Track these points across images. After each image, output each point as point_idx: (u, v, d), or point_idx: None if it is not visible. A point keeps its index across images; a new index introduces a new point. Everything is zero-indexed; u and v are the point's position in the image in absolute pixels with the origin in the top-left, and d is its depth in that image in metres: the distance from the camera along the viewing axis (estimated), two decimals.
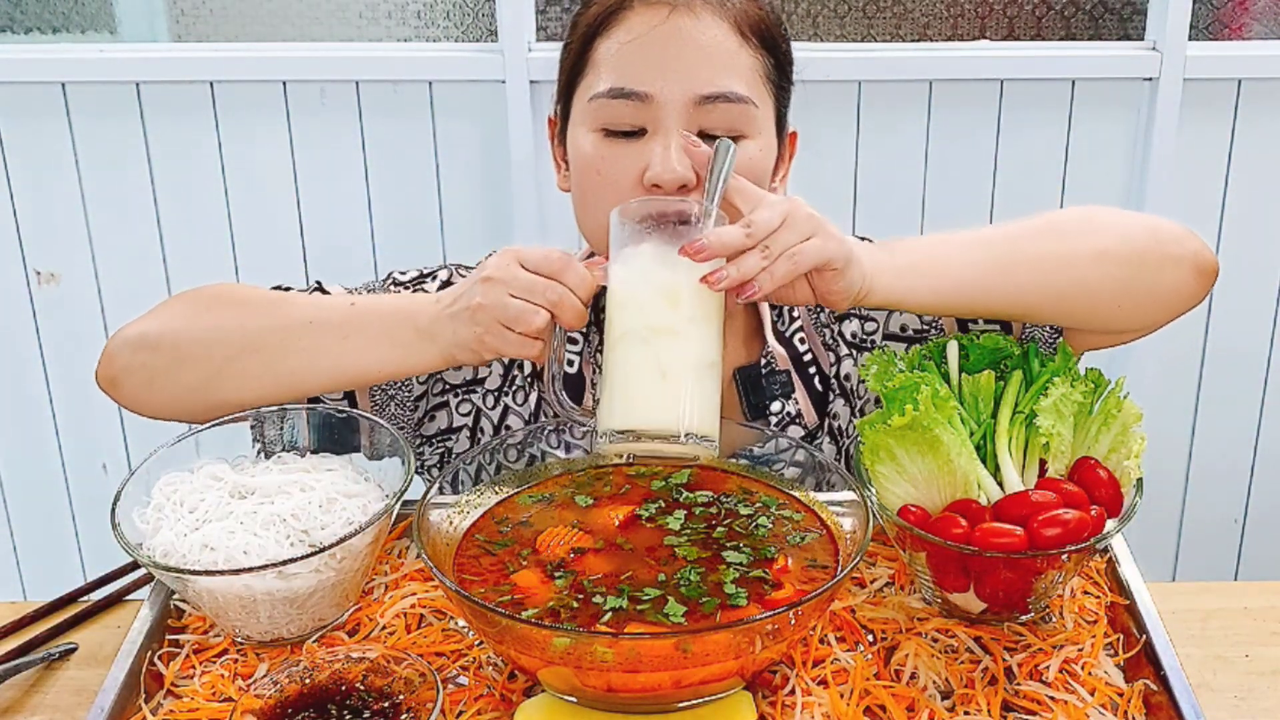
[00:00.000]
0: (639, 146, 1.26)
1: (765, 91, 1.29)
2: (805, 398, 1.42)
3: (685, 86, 1.24)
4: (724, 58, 1.25)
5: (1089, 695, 1.06)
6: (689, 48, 1.24)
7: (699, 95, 1.24)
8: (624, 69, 1.26)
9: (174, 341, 1.27)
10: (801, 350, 1.43)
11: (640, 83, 1.24)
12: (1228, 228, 2.48)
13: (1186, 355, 2.58)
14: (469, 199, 2.42)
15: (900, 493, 1.11)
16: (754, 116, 1.27)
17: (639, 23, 1.26)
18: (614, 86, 1.26)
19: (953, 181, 2.42)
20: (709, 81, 1.24)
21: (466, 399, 1.42)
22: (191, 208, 2.42)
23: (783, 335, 1.43)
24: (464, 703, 1.06)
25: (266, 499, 1.14)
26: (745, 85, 1.26)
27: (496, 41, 2.34)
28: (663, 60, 1.24)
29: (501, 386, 1.42)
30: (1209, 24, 2.43)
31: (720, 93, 1.24)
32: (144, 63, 2.33)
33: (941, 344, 1.22)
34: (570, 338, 1.40)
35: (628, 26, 1.27)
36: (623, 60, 1.26)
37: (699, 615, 1.02)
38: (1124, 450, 1.12)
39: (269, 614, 1.10)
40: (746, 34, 1.27)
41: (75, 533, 2.63)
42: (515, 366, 1.42)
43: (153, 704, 1.08)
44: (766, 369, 1.41)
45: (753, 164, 1.27)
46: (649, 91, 1.24)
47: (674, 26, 1.25)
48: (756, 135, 1.28)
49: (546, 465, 1.24)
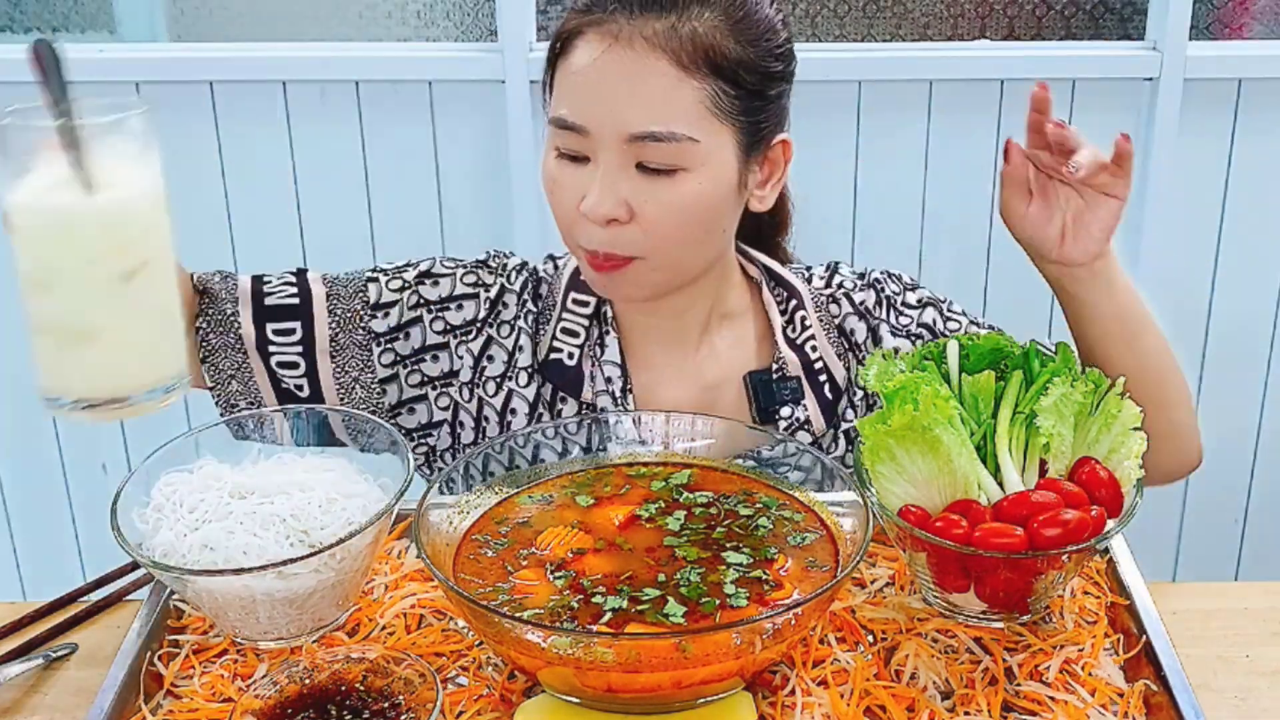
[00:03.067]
0: (584, 173, 1.28)
1: (717, 121, 1.26)
2: (815, 404, 1.42)
3: (616, 125, 1.24)
4: (658, 95, 1.24)
5: (1089, 695, 1.06)
6: (623, 85, 1.24)
7: (629, 134, 1.24)
8: (568, 100, 1.28)
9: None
10: (813, 357, 1.43)
11: (578, 116, 1.26)
12: (1228, 228, 2.48)
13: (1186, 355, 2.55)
14: (469, 199, 2.42)
15: (900, 493, 1.10)
16: (693, 151, 1.25)
17: (585, 53, 1.26)
18: (557, 116, 1.28)
19: (953, 181, 2.42)
20: (638, 122, 1.24)
21: (444, 392, 1.43)
22: (191, 208, 2.41)
23: (794, 342, 1.43)
24: (464, 703, 1.06)
25: (266, 499, 1.14)
26: (682, 122, 1.24)
27: (496, 41, 2.34)
28: (598, 96, 1.25)
29: (473, 379, 1.42)
30: (1209, 24, 2.43)
31: (649, 132, 1.24)
32: (143, 63, 2.33)
33: (941, 344, 1.22)
34: (569, 329, 1.41)
35: (576, 54, 1.27)
36: (567, 91, 1.28)
37: (699, 616, 1.02)
38: (1124, 451, 1.12)
39: (268, 614, 1.10)
40: (689, 65, 1.24)
41: (75, 533, 2.63)
42: (484, 358, 1.42)
43: (152, 704, 1.08)
44: (778, 374, 1.42)
45: (691, 198, 1.26)
46: (586, 126, 1.26)
47: (611, 60, 1.24)
48: (698, 168, 1.26)
49: (546, 465, 1.24)
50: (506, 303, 1.43)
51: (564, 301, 1.42)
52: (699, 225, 1.29)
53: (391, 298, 1.41)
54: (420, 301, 1.42)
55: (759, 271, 1.47)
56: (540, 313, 1.43)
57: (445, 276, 1.43)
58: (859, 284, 1.48)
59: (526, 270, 1.46)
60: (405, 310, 1.41)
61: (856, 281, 1.49)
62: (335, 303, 1.41)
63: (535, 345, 1.42)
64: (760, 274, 1.46)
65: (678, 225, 1.28)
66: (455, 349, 1.42)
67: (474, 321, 1.42)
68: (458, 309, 1.42)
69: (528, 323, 1.42)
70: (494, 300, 1.43)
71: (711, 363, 1.44)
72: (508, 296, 1.43)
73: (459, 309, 1.42)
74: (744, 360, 1.44)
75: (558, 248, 1.43)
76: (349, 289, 1.42)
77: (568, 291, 1.43)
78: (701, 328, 1.43)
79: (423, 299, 1.42)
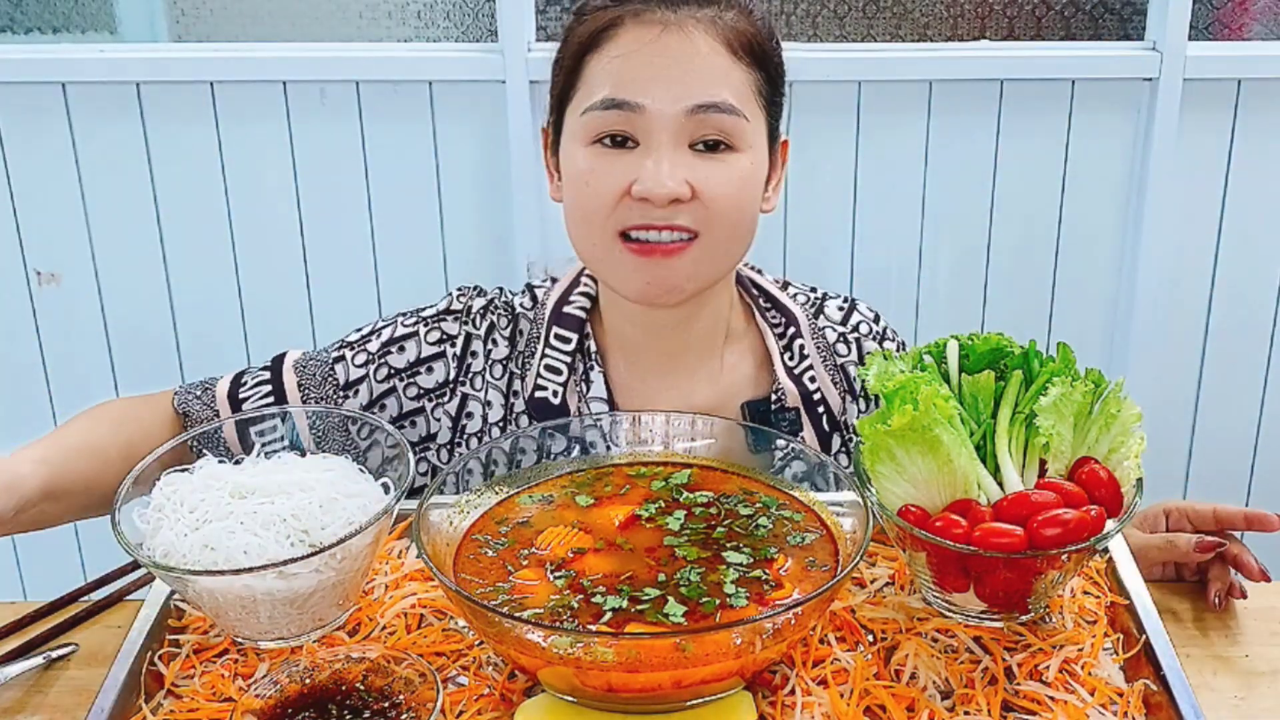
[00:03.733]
0: (629, 159, 1.27)
1: (757, 106, 1.30)
2: (812, 435, 1.42)
3: (678, 97, 1.25)
4: (716, 72, 1.27)
5: (1089, 695, 1.06)
6: (681, 61, 1.26)
7: (692, 105, 1.25)
8: (617, 82, 1.27)
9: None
10: (811, 388, 1.43)
11: (633, 94, 1.25)
12: (1227, 228, 2.48)
13: (1187, 355, 2.58)
14: (469, 199, 2.42)
15: (900, 493, 1.10)
16: (745, 130, 1.28)
17: (631, 39, 1.27)
18: (607, 97, 1.26)
19: (953, 181, 2.42)
20: (701, 91, 1.25)
21: (423, 457, 1.43)
22: (191, 208, 2.42)
23: (792, 372, 1.43)
24: (464, 703, 1.06)
25: (267, 499, 1.14)
26: (737, 98, 1.27)
27: (496, 41, 2.34)
28: (655, 72, 1.25)
29: (452, 439, 1.42)
30: (1209, 24, 2.43)
31: (713, 102, 1.25)
32: (144, 63, 2.34)
33: (942, 344, 1.22)
34: (553, 366, 1.40)
35: (620, 43, 1.27)
36: (615, 73, 1.27)
37: (699, 615, 1.02)
38: (1124, 450, 1.12)
39: (269, 614, 1.10)
40: (738, 51, 1.28)
41: (75, 533, 2.63)
42: (463, 417, 1.42)
43: (153, 704, 1.08)
44: (776, 405, 1.42)
45: (744, 177, 1.28)
46: (641, 102, 1.25)
47: (665, 43, 1.26)
48: (747, 149, 1.29)
49: (546, 465, 1.24)
50: (475, 351, 1.42)
51: (547, 337, 1.41)
52: (751, 207, 1.31)
53: (358, 374, 1.41)
54: (390, 372, 1.41)
55: (754, 293, 1.46)
56: (522, 351, 1.42)
57: (410, 338, 1.42)
58: (874, 330, 1.48)
59: (494, 311, 1.44)
60: (374, 384, 1.41)
61: (873, 327, 1.48)
62: (308, 391, 1.41)
63: (519, 384, 1.41)
64: (753, 297, 1.46)
65: (735, 204, 1.28)
66: (431, 412, 1.42)
67: (446, 383, 1.42)
68: (428, 372, 1.42)
69: (505, 368, 1.42)
70: (461, 355, 1.42)
71: (705, 387, 1.43)
72: (475, 345, 1.42)
73: (429, 372, 1.42)
74: (740, 386, 1.44)
75: (558, 248, 1.43)
76: (318, 375, 1.42)
77: (550, 326, 1.41)
78: (700, 348, 1.42)
79: (392, 369, 1.42)
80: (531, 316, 1.44)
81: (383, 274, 2.47)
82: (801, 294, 1.49)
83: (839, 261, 2.44)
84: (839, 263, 2.44)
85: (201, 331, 2.49)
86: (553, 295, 1.44)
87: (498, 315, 1.44)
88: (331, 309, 2.50)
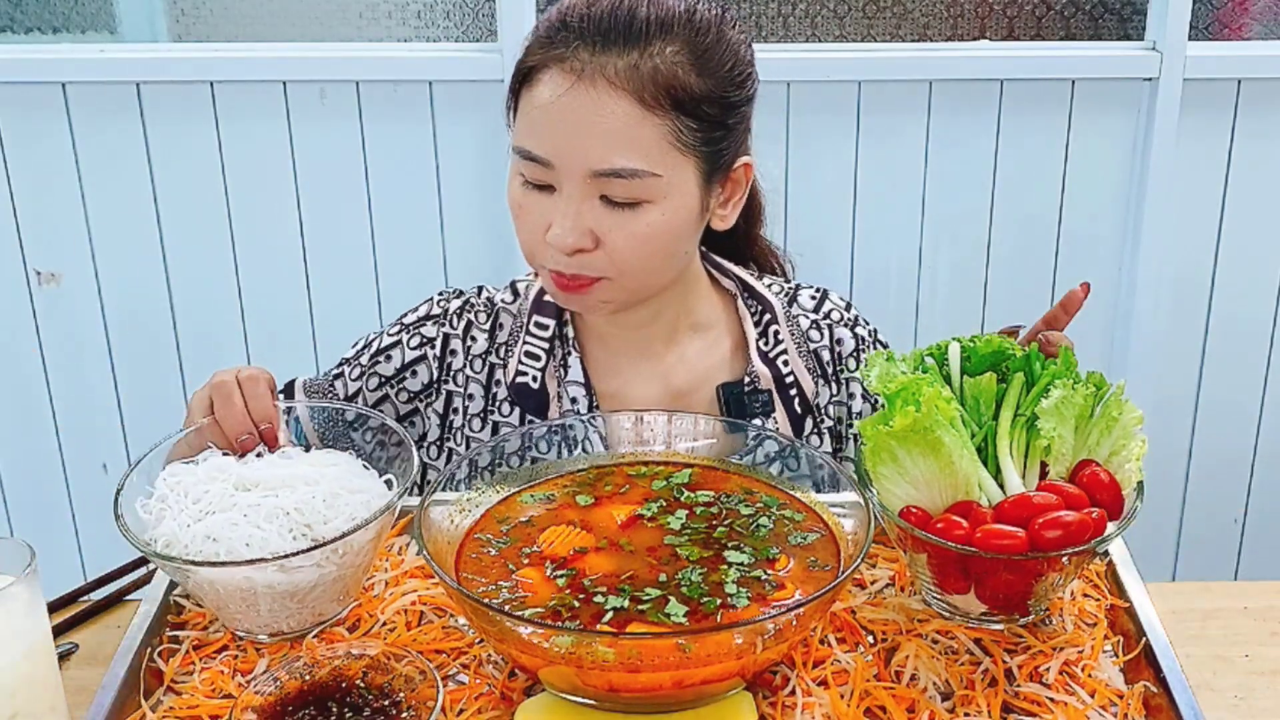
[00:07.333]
0: (547, 203, 1.29)
1: (679, 153, 1.28)
2: (785, 418, 1.44)
3: (580, 161, 1.26)
4: (622, 133, 1.25)
5: (1089, 697, 1.06)
6: (584, 125, 1.25)
7: (591, 171, 1.26)
8: (532, 133, 1.28)
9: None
10: (784, 371, 1.45)
11: (544, 150, 1.27)
12: (1227, 228, 2.48)
13: (1187, 356, 2.58)
14: (469, 199, 2.42)
15: (901, 494, 1.11)
16: (655, 185, 1.27)
17: (550, 87, 1.27)
18: (522, 147, 1.29)
19: (952, 181, 2.42)
20: (600, 159, 1.25)
21: (429, 405, 1.47)
22: (191, 208, 2.41)
23: (766, 355, 1.45)
24: (464, 701, 1.06)
25: (270, 492, 1.14)
26: (644, 159, 1.26)
27: (496, 41, 2.34)
28: (562, 132, 1.26)
29: (441, 436, 1.46)
30: (1209, 24, 2.43)
31: (612, 169, 1.25)
32: (144, 63, 2.33)
33: (944, 346, 1.22)
34: (532, 353, 1.43)
35: (540, 88, 1.28)
36: (531, 125, 1.29)
37: (700, 615, 1.02)
38: (1125, 453, 1.12)
39: (269, 608, 1.10)
40: (651, 103, 1.25)
41: (75, 533, 2.63)
42: (450, 413, 1.46)
43: (152, 701, 1.08)
44: (749, 387, 1.44)
45: (651, 228, 1.28)
46: (550, 160, 1.27)
47: (575, 99, 1.25)
48: (661, 200, 1.28)
49: (548, 465, 1.24)
50: (454, 350, 1.46)
51: (527, 325, 1.45)
52: (663, 251, 1.32)
53: (355, 387, 1.47)
54: (380, 381, 1.47)
55: (734, 284, 1.48)
56: (505, 342, 1.46)
57: (394, 346, 1.47)
58: (845, 318, 1.50)
59: (470, 309, 1.48)
60: (368, 395, 1.47)
61: (844, 314, 1.50)
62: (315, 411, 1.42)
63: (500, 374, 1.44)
64: (735, 287, 1.48)
65: (642, 253, 1.30)
66: (424, 412, 1.47)
67: (431, 384, 1.47)
68: (413, 376, 1.47)
69: (484, 361, 1.45)
70: (441, 356, 1.46)
71: (681, 369, 1.45)
72: (454, 344, 1.46)
73: (414, 376, 1.47)
74: (715, 370, 1.46)
75: None
76: (322, 392, 1.48)
77: (530, 315, 1.45)
78: (667, 338, 1.45)
79: (382, 377, 1.47)
80: (514, 310, 1.48)
81: (383, 274, 2.47)
82: (776, 284, 1.52)
83: (839, 261, 2.44)
84: (839, 263, 2.44)
85: (202, 331, 2.49)
86: (535, 286, 1.47)
87: (475, 313, 1.48)
88: (331, 309, 2.49)
